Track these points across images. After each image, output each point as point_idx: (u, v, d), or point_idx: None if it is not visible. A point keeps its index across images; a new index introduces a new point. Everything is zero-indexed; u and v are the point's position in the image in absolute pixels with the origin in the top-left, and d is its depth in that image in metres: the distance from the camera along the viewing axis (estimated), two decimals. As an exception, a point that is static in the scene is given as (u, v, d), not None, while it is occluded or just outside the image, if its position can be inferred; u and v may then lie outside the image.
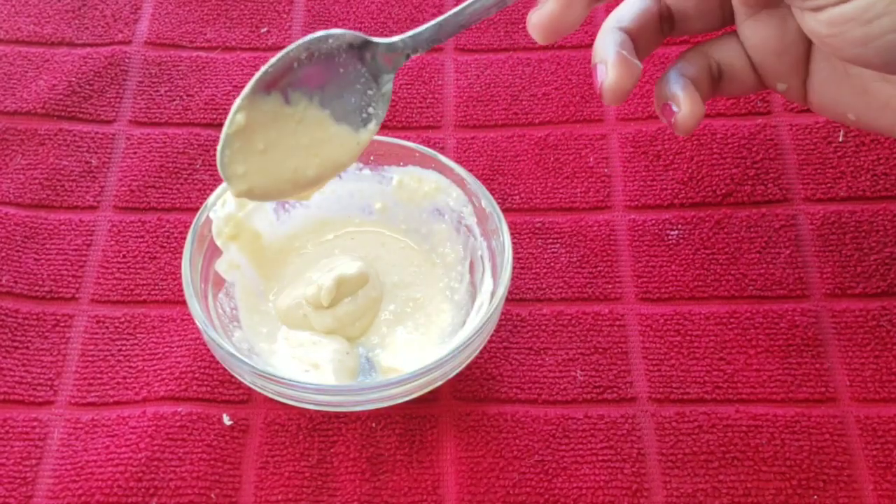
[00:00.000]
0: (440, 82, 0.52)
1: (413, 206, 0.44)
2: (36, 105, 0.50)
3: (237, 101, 0.36)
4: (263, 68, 0.36)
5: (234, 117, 0.36)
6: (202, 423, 0.40)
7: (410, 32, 0.36)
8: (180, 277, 0.43)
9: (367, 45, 0.36)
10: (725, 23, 0.39)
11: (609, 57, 0.36)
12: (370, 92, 0.37)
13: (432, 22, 0.36)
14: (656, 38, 0.39)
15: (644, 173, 0.48)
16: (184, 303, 0.40)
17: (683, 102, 0.37)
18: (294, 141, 0.37)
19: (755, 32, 0.37)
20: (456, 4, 0.55)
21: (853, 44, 0.32)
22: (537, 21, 0.35)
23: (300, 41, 0.36)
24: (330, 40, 0.36)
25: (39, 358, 0.42)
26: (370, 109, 0.38)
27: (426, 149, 0.43)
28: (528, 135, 0.49)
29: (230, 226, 0.42)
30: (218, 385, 0.41)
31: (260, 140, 0.36)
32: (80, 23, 0.54)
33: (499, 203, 0.41)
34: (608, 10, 0.52)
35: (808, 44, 0.37)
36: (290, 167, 0.37)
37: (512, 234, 0.42)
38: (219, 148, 0.36)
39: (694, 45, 0.40)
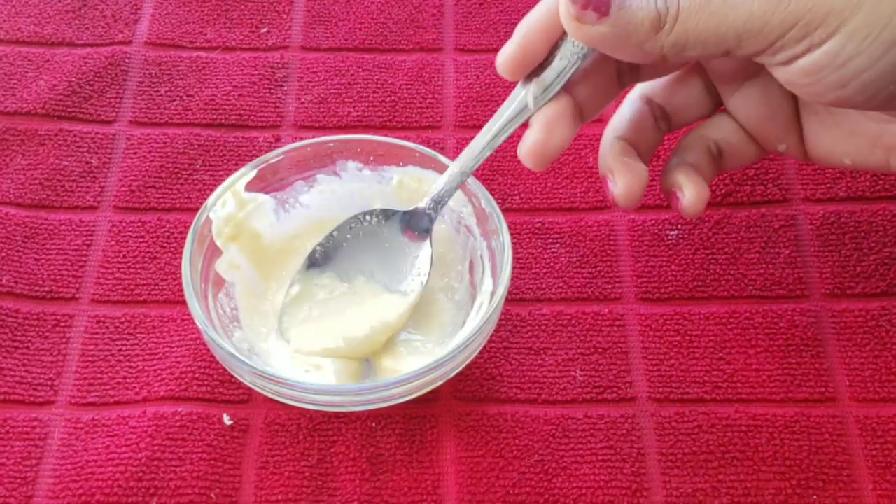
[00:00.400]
0: (440, 82, 0.52)
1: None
2: (36, 105, 0.50)
3: (293, 276, 0.42)
4: (313, 247, 0.42)
5: (290, 290, 0.41)
6: (202, 423, 0.40)
7: (428, 196, 0.41)
8: (180, 277, 0.43)
9: (399, 216, 0.41)
10: (716, 105, 0.40)
11: (614, 167, 0.38)
12: (414, 256, 0.42)
13: (443, 180, 0.40)
14: (656, 136, 0.40)
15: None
16: (184, 303, 0.40)
17: (687, 188, 0.38)
18: (348, 310, 0.41)
19: (743, 105, 0.39)
20: (456, 13, 0.55)
21: (831, 88, 0.32)
22: (526, 152, 0.37)
23: (342, 222, 0.42)
24: (367, 217, 0.42)
25: (40, 358, 0.42)
26: (415, 272, 0.42)
27: (426, 149, 0.43)
28: (528, 135, 0.49)
29: (230, 226, 0.42)
30: (218, 385, 0.41)
31: (316, 309, 0.41)
32: (81, 23, 0.54)
33: (499, 203, 0.41)
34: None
35: (794, 102, 0.38)
36: (344, 332, 0.40)
37: (512, 234, 0.42)
38: (278, 318, 0.41)
39: (688, 131, 0.41)
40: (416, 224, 0.41)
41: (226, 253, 0.42)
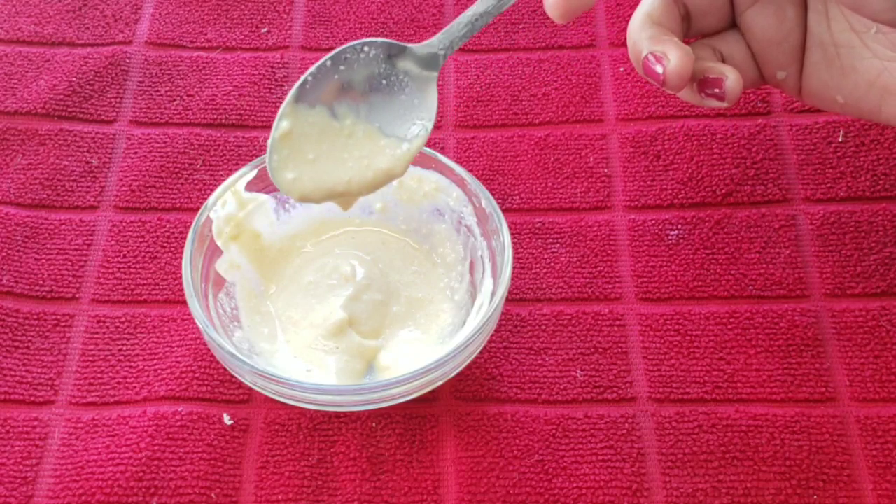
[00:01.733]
0: (440, 82, 0.52)
1: (413, 206, 0.44)
2: (36, 105, 0.50)
3: (281, 109, 0.36)
4: (302, 77, 0.36)
5: (279, 123, 0.36)
6: (202, 423, 0.40)
7: (442, 32, 0.37)
8: (181, 277, 0.43)
9: (403, 51, 0.37)
10: (733, 22, 0.40)
11: (665, 45, 0.37)
12: (416, 101, 0.38)
13: (465, 15, 0.37)
14: (680, 37, 0.39)
15: (644, 173, 0.48)
16: (184, 303, 0.40)
17: (729, 71, 0.37)
18: (346, 154, 0.37)
19: (756, 21, 0.39)
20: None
21: None
22: (553, 1, 0.36)
23: (337, 50, 0.36)
24: (365, 48, 0.37)
25: (40, 358, 0.42)
26: (418, 118, 0.38)
27: (426, 149, 0.43)
28: (528, 135, 0.49)
29: (231, 226, 0.42)
30: (218, 385, 0.41)
31: (310, 150, 0.37)
32: (81, 23, 0.54)
33: (499, 203, 0.41)
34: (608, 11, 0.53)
35: (803, 31, 0.38)
36: (342, 178, 0.37)
37: (512, 234, 0.42)
38: (267, 154, 0.36)
39: (694, 42, 0.40)
40: (422, 62, 0.37)
41: (226, 253, 0.42)
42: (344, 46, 0.37)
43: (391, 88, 0.37)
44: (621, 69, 0.52)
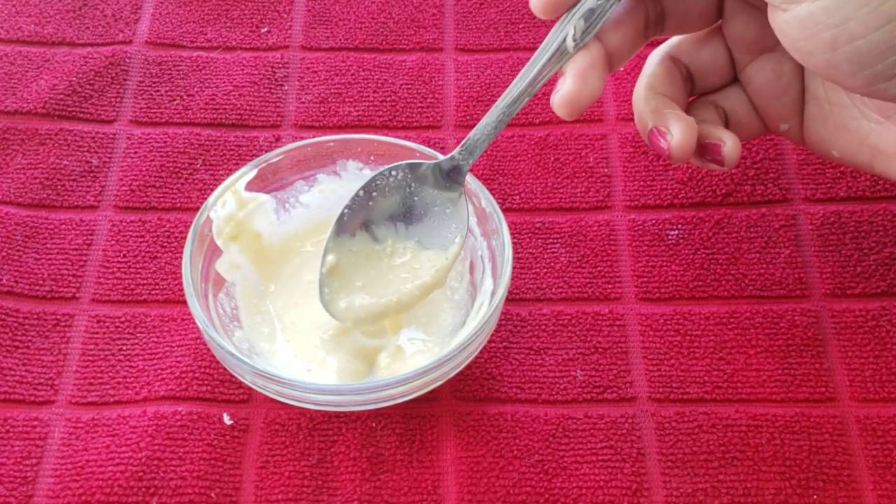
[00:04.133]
0: (440, 82, 0.52)
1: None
2: (37, 105, 0.50)
3: (325, 243, 0.40)
4: (340, 210, 0.40)
5: (326, 258, 0.40)
6: (202, 423, 0.40)
7: (461, 146, 0.39)
8: (181, 277, 0.43)
9: (427, 169, 0.40)
10: (734, 74, 0.40)
11: (667, 119, 0.38)
12: (448, 210, 0.40)
13: (479, 128, 0.39)
14: (684, 97, 0.40)
15: (644, 173, 0.48)
16: (184, 302, 0.40)
17: (727, 137, 0.38)
18: (391, 274, 0.40)
19: (756, 77, 0.39)
20: (456, 13, 0.55)
21: (822, 49, 0.32)
22: (560, 101, 0.37)
23: (367, 180, 0.40)
24: (393, 173, 0.40)
25: (40, 357, 0.42)
26: (453, 226, 0.40)
27: (426, 149, 0.43)
28: (528, 135, 0.49)
29: (231, 226, 0.42)
30: (218, 385, 0.41)
31: (357, 278, 0.40)
32: (81, 22, 0.54)
33: (499, 203, 0.41)
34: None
35: (802, 86, 0.39)
36: (391, 298, 0.40)
37: (512, 234, 0.42)
38: (318, 287, 0.40)
39: (697, 98, 0.41)
40: (447, 176, 0.40)
41: (226, 253, 0.42)
42: (373, 175, 0.40)
43: (423, 204, 0.40)
44: (621, 69, 0.52)
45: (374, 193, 0.40)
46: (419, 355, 0.41)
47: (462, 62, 0.53)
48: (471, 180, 0.42)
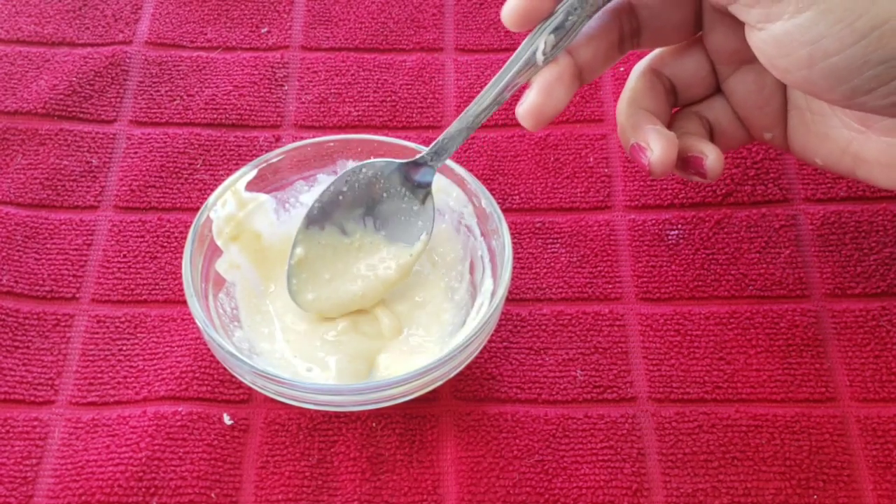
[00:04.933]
0: (440, 82, 0.52)
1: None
2: (37, 105, 0.50)
3: (295, 236, 0.41)
4: (311, 204, 0.41)
5: (294, 250, 0.41)
6: (202, 423, 0.40)
7: (431, 147, 0.40)
8: (181, 277, 0.43)
9: (397, 168, 0.41)
10: (717, 85, 0.41)
11: (648, 135, 0.38)
12: (415, 207, 0.42)
13: (448, 132, 0.39)
14: (667, 109, 0.41)
15: (644, 173, 0.48)
16: (184, 302, 0.40)
17: (709, 151, 0.38)
18: (356, 269, 0.42)
19: (738, 88, 0.39)
20: (456, 13, 0.55)
21: (798, 65, 0.33)
22: (524, 112, 0.38)
23: (338, 176, 0.41)
24: (363, 170, 0.41)
25: (40, 357, 0.42)
26: (419, 223, 0.42)
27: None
28: (528, 135, 0.49)
29: (231, 226, 0.42)
30: (218, 385, 0.41)
31: (325, 271, 0.42)
32: (81, 23, 0.54)
33: (499, 203, 0.41)
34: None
35: (784, 96, 0.39)
36: (356, 292, 0.41)
37: (512, 234, 0.42)
38: (286, 278, 0.41)
39: (681, 110, 0.41)
40: (416, 176, 0.41)
41: (226, 253, 0.42)
42: (344, 172, 0.41)
43: (392, 201, 0.42)
44: (621, 69, 0.52)
45: (345, 189, 0.41)
46: (419, 355, 0.41)
47: (462, 62, 0.53)
48: (471, 180, 0.42)
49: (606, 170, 0.48)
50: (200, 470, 0.39)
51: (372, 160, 0.41)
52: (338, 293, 0.41)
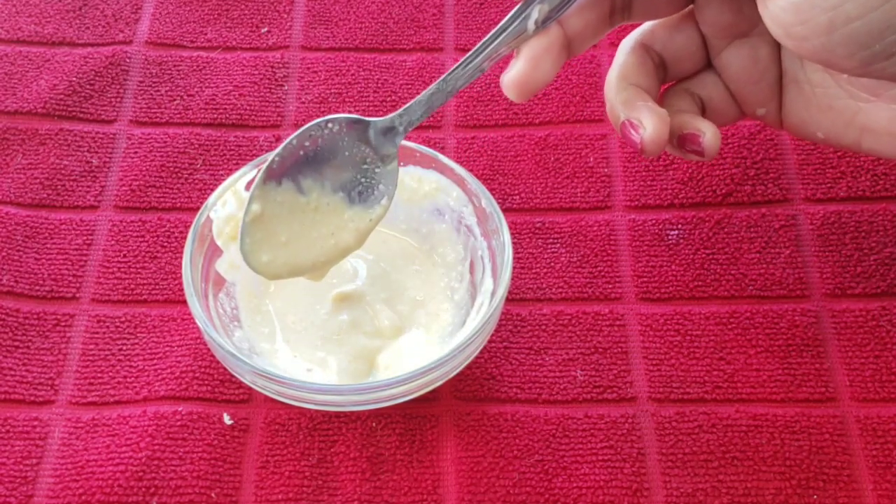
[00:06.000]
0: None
1: (413, 205, 0.44)
2: (37, 105, 0.50)
3: (251, 192, 0.38)
4: (270, 157, 0.38)
5: (250, 207, 0.38)
6: (203, 423, 0.40)
7: (402, 108, 0.38)
8: (181, 277, 0.43)
9: (364, 126, 0.38)
10: (708, 60, 0.40)
11: (640, 112, 0.37)
12: (378, 170, 0.39)
13: (422, 95, 0.38)
14: (657, 85, 0.40)
15: (644, 173, 0.48)
16: (184, 302, 0.40)
17: (706, 127, 0.37)
18: (314, 232, 0.39)
19: (730, 63, 0.39)
20: (456, 13, 0.55)
21: (817, 32, 0.32)
22: (510, 82, 0.37)
23: (301, 129, 0.38)
24: (329, 125, 0.38)
25: (40, 357, 0.42)
26: (381, 187, 0.39)
27: (426, 149, 0.43)
28: (528, 135, 0.49)
29: (231, 226, 0.42)
30: (218, 384, 0.41)
31: (282, 232, 0.39)
32: (81, 22, 0.54)
33: (499, 203, 0.41)
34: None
35: (779, 70, 0.39)
36: (311, 257, 0.39)
37: (512, 234, 0.42)
38: (239, 237, 0.38)
39: (671, 86, 0.41)
40: (383, 136, 0.39)
41: (226, 253, 0.42)
42: (308, 125, 0.38)
43: (354, 160, 0.39)
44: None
45: (307, 144, 0.38)
46: (419, 355, 0.41)
47: (462, 62, 0.53)
48: (471, 180, 0.42)
49: (606, 170, 0.48)
50: (200, 470, 0.39)
51: (338, 115, 0.38)
52: (294, 258, 0.39)
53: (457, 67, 0.37)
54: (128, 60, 0.52)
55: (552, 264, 0.45)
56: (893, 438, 0.40)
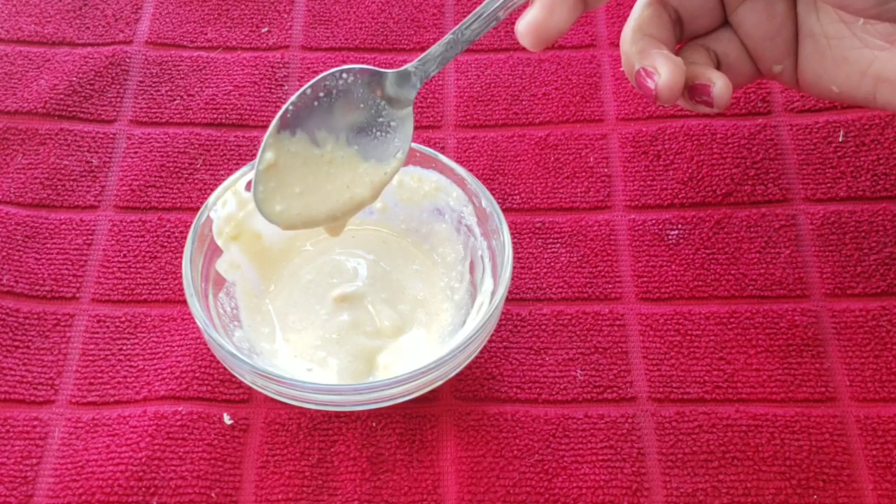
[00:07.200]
0: (440, 82, 0.52)
1: (413, 205, 0.44)
2: (37, 105, 0.50)
3: (264, 140, 0.37)
4: (284, 106, 0.37)
5: (264, 155, 0.37)
6: (203, 423, 0.40)
7: (418, 59, 0.38)
8: (181, 277, 0.43)
9: (380, 76, 0.38)
10: (725, 17, 0.40)
11: (655, 59, 0.37)
12: (393, 123, 0.39)
13: (437, 45, 0.37)
14: (672, 41, 0.40)
15: (644, 173, 0.48)
16: (184, 302, 0.40)
17: (717, 78, 0.37)
18: (329, 184, 0.39)
19: (747, 18, 0.39)
20: (456, 13, 0.55)
21: None
22: (524, 28, 0.36)
23: (316, 78, 0.37)
24: (344, 75, 0.38)
25: (40, 357, 0.42)
26: (396, 141, 0.39)
27: (426, 149, 0.43)
28: (528, 135, 0.49)
29: (231, 226, 0.42)
30: (218, 384, 0.41)
31: (296, 183, 0.38)
32: (81, 22, 0.54)
33: (499, 203, 0.41)
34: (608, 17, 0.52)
35: (795, 25, 0.38)
36: (325, 208, 0.39)
37: (512, 234, 0.42)
38: (252, 185, 0.38)
39: (687, 42, 0.40)
40: (398, 87, 0.38)
41: (226, 252, 0.42)
42: (323, 74, 0.38)
43: (368, 113, 0.39)
44: (622, 68, 0.52)
45: (321, 94, 0.38)
46: (419, 355, 0.41)
47: (462, 62, 0.53)
48: (471, 180, 0.42)
49: (606, 170, 0.48)
50: (200, 470, 0.39)
51: (353, 66, 0.38)
52: (308, 209, 0.39)
53: (472, 16, 0.37)
54: (128, 60, 0.52)
55: (552, 264, 0.45)
56: (893, 438, 0.40)
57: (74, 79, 0.51)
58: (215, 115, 0.50)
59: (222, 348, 0.38)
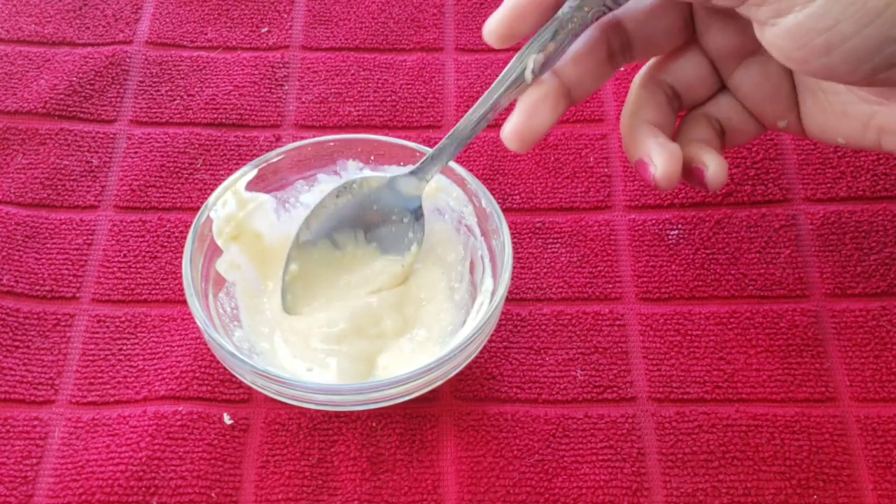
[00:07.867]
0: (440, 82, 0.52)
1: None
2: (37, 105, 0.50)
3: (288, 251, 0.42)
4: (304, 218, 0.42)
5: (289, 267, 0.42)
6: (203, 423, 0.40)
7: (416, 165, 0.41)
8: (181, 277, 0.43)
9: (390, 181, 0.41)
10: (722, 83, 0.40)
11: (651, 149, 0.37)
12: (405, 219, 0.42)
13: (434, 150, 0.40)
14: (671, 117, 0.40)
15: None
16: (184, 302, 0.40)
17: (710, 161, 0.38)
18: (349, 278, 0.42)
19: (743, 82, 0.39)
20: (456, 13, 0.55)
21: (816, 54, 0.32)
22: (508, 134, 0.37)
23: (330, 191, 0.42)
24: (354, 185, 0.42)
25: (40, 357, 0.42)
26: (410, 234, 0.42)
27: (426, 148, 0.43)
28: (529, 135, 0.49)
29: (231, 226, 0.42)
30: (218, 384, 0.41)
31: (319, 286, 0.42)
32: (81, 22, 0.54)
33: (499, 203, 0.41)
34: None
35: (792, 81, 0.39)
36: (348, 305, 0.41)
37: (512, 234, 0.42)
38: (280, 293, 0.42)
39: (688, 112, 0.41)
40: (406, 190, 0.41)
41: (226, 252, 0.42)
42: (336, 187, 0.42)
43: (382, 212, 0.42)
44: (622, 68, 0.52)
45: (337, 203, 0.42)
46: (419, 355, 0.41)
47: (462, 62, 0.53)
48: (471, 180, 0.42)
49: (606, 170, 0.48)
50: (200, 470, 0.39)
51: (362, 175, 0.42)
52: (331, 302, 0.42)
53: (465, 120, 0.38)
54: (128, 60, 0.52)
55: (552, 264, 0.45)
56: (893, 438, 0.40)
57: (74, 79, 0.51)
58: (215, 115, 0.50)
59: (222, 348, 0.38)
